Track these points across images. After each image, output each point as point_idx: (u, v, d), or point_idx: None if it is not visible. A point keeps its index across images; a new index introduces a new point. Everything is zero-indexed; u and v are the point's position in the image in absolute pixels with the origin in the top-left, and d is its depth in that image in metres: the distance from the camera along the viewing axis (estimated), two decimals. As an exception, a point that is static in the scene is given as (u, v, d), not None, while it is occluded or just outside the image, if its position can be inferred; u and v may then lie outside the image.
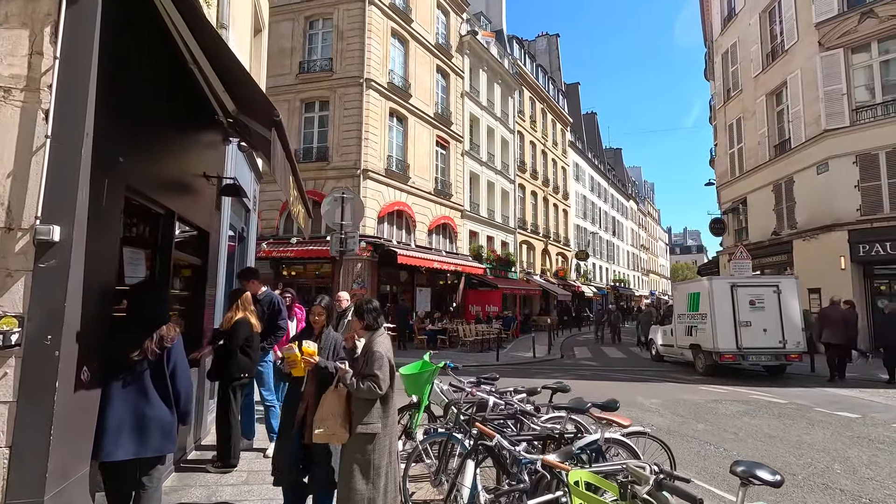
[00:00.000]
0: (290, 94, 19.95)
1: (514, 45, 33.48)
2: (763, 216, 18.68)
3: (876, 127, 14.29)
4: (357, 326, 3.29)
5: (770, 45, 18.61)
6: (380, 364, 3.03)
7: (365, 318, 3.21)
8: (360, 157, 18.68)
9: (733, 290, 10.58)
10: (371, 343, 3.14)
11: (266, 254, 18.28)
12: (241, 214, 8.28)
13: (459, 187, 24.77)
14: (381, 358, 3.05)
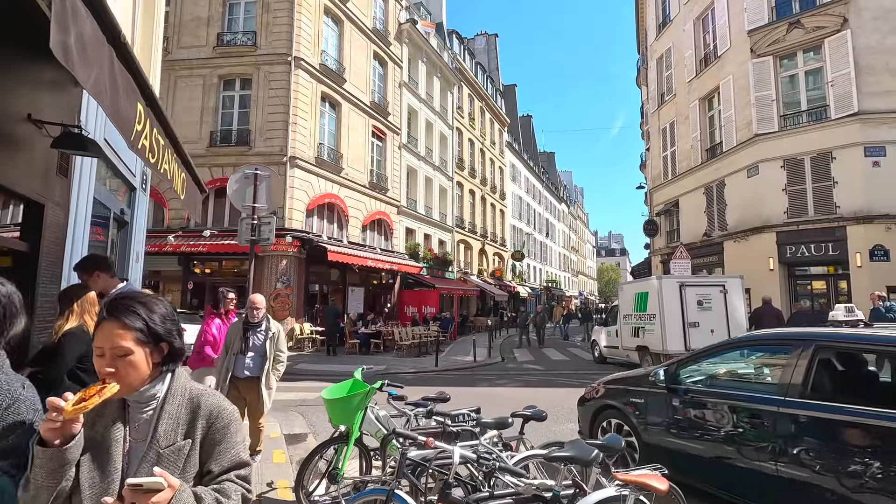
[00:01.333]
0: (206, 69, 17.74)
1: (453, 40, 32.72)
2: (695, 218, 19.09)
3: (802, 133, 14.83)
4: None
5: (703, 51, 19.06)
6: None
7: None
8: (288, 142, 16.91)
9: (682, 289, 10.25)
10: None
11: (174, 248, 16.02)
12: (120, 192, 6.55)
13: (396, 181, 23.49)
14: None
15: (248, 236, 6.07)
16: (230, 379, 4.51)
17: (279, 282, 16.27)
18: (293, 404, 8.40)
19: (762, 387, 3.89)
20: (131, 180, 6.71)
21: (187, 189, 3.58)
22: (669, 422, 4.06)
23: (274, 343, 4.59)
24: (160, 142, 2.65)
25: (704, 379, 4.19)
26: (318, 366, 13.21)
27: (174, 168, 3.09)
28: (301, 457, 5.68)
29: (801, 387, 3.25)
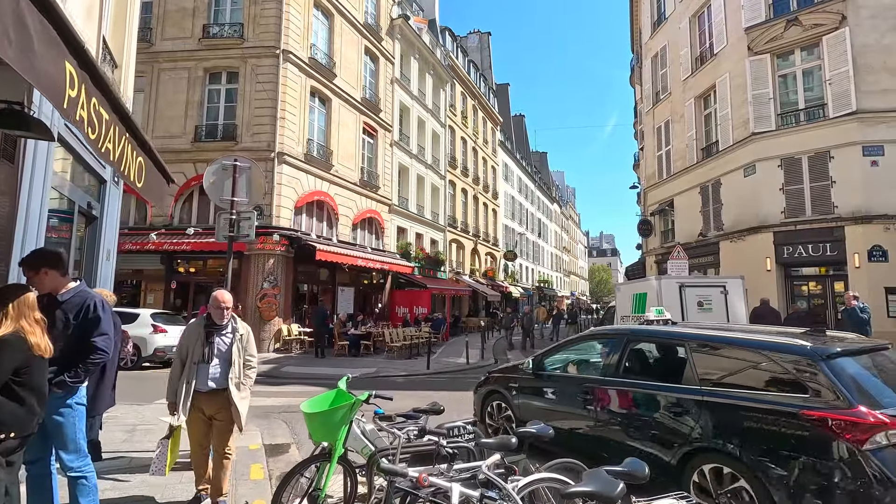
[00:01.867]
0: (191, 62, 17.19)
1: (446, 37, 32.33)
2: (690, 218, 18.87)
3: (799, 132, 14.62)
4: None
5: (699, 49, 18.85)
6: None
7: None
8: (275, 138, 16.41)
9: (682, 290, 9.94)
10: None
11: (156, 246, 15.48)
12: (87, 184, 6.08)
13: (387, 179, 23.04)
14: None
15: (225, 232, 5.62)
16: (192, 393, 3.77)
17: (266, 281, 15.78)
18: (276, 410, 7.96)
19: (594, 369, 5.19)
20: (101, 172, 6.25)
21: (147, 176, 3.15)
22: (534, 397, 5.43)
23: (242, 346, 3.87)
24: (103, 116, 2.23)
25: (559, 366, 5.55)
26: (305, 368, 12.75)
27: (127, 151, 2.66)
28: (282, 471, 5.26)
29: (615, 367, 4.66)
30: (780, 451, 3.30)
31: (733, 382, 3.81)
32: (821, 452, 3.16)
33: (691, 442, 3.77)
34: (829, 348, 3.53)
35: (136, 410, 7.34)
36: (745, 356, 3.86)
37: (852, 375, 3.38)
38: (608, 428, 4.48)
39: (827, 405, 3.23)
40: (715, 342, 4.13)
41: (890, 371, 3.72)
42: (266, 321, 15.67)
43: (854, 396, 3.20)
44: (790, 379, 3.51)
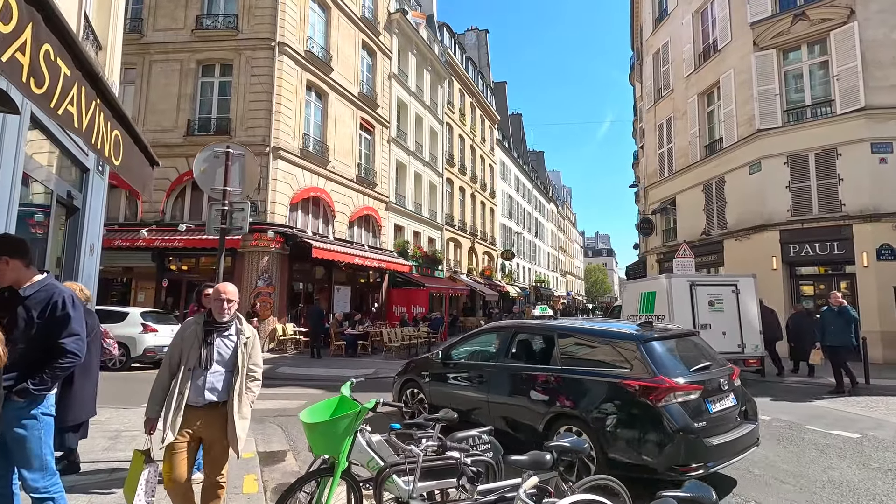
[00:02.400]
0: (184, 54, 16.71)
1: (444, 33, 31.95)
2: (693, 216, 18.59)
3: (806, 129, 14.37)
4: None
5: (702, 45, 18.58)
6: None
7: None
8: (271, 132, 15.98)
9: (692, 289, 9.61)
10: None
11: (147, 243, 15.00)
12: (68, 172, 5.66)
13: (385, 176, 22.63)
14: None
15: (217, 224, 5.22)
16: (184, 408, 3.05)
17: (260, 279, 15.34)
18: (272, 414, 7.54)
19: (489, 355, 5.91)
20: (83, 160, 5.83)
21: (125, 154, 2.75)
22: (442, 383, 6.18)
23: (247, 353, 3.23)
24: (61, 70, 1.83)
25: (463, 355, 6.30)
26: (301, 369, 12.34)
27: (98, 119, 2.26)
28: (278, 482, 4.87)
29: (504, 353, 5.62)
30: (610, 410, 4.36)
31: (584, 361, 4.88)
32: (634, 409, 4.23)
33: (552, 408, 4.74)
34: (647, 334, 4.60)
35: (122, 414, 6.92)
36: (593, 341, 5.05)
37: (659, 354, 4.45)
38: (499, 403, 5.36)
39: (640, 375, 4.29)
40: (573, 332, 5.32)
41: (688, 351, 4.84)
42: (261, 320, 15.23)
43: (657, 369, 4.26)
44: (620, 357, 4.55)
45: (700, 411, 4.17)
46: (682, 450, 3.96)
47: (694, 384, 4.24)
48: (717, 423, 4.22)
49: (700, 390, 4.22)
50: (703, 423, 4.10)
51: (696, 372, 4.46)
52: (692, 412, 4.10)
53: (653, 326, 4.92)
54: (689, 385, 4.21)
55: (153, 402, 3.09)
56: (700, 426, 4.05)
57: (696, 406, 4.16)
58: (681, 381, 4.20)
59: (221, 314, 3.19)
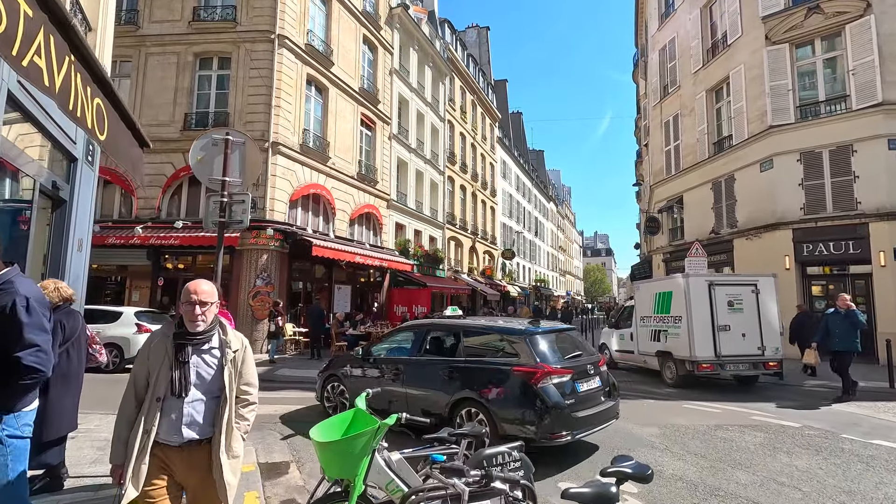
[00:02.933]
0: (181, 46, 16.25)
1: (445, 29, 31.53)
2: (701, 214, 18.24)
3: (820, 125, 14.02)
4: None
5: (711, 40, 18.22)
6: None
7: None
8: (270, 127, 15.54)
9: (711, 289, 9.23)
10: None
11: (142, 240, 14.54)
12: (52, 160, 5.23)
13: (386, 174, 22.21)
14: None
15: (215, 217, 4.81)
16: (151, 448, 2.30)
17: (259, 278, 14.91)
18: (271, 420, 7.12)
19: (406, 350, 6.46)
20: (70, 149, 5.40)
21: (110, 127, 2.34)
22: (362, 375, 6.64)
23: (236, 371, 2.48)
24: (23, 9, 1.42)
25: (383, 351, 6.79)
26: (301, 371, 11.91)
27: (75, 81, 1.86)
28: (282, 499, 4.46)
29: (419, 349, 6.24)
30: (502, 391, 5.17)
31: (484, 353, 5.72)
32: (521, 390, 5.07)
33: (457, 393, 5.48)
34: (533, 330, 5.57)
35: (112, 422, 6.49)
36: (491, 337, 5.92)
37: (541, 346, 5.37)
38: (413, 392, 6.00)
39: (525, 363, 5.18)
40: (475, 329, 6.14)
41: (565, 343, 5.85)
42: (259, 320, 14.81)
43: (539, 358, 5.19)
44: (512, 349, 5.44)
45: (570, 391, 5.17)
46: (555, 421, 4.90)
47: (566, 369, 5.27)
48: (583, 400, 5.26)
49: (571, 374, 5.27)
50: (572, 400, 5.11)
51: (569, 360, 5.51)
52: (564, 391, 5.09)
53: (539, 324, 6.00)
54: (562, 370, 5.22)
55: (118, 443, 2.33)
56: (570, 402, 5.05)
57: (567, 386, 5.16)
58: (556, 366, 5.20)
59: (194, 322, 2.34)
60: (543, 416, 4.89)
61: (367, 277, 21.41)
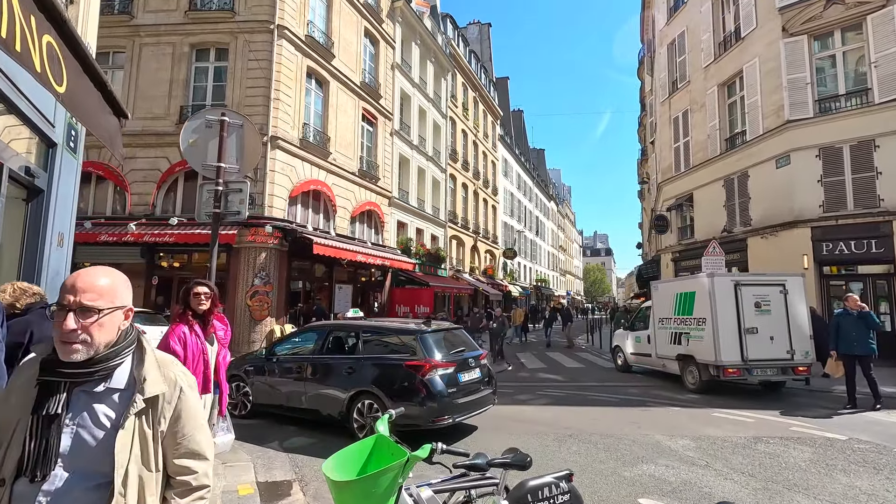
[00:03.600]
0: (176, 37, 15.68)
1: (447, 25, 30.98)
2: (712, 213, 17.74)
3: (840, 119, 13.53)
4: None
5: (723, 33, 17.71)
6: None
7: None
8: (269, 121, 14.98)
9: (737, 289, 8.72)
10: None
11: (135, 237, 13.98)
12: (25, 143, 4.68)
13: (387, 171, 21.67)
14: None
15: (209, 208, 4.27)
16: None
17: (257, 277, 14.36)
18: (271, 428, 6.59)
19: (309, 350, 6.90)
20: (48, 132, 4.85)
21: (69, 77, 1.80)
22: (266, 375, 6.97)
23: (160, 431, 1.41)
24: None
25: (286, 351, 7.18)
26: (301, 375, 11.35)
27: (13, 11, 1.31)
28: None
29: (321, 348, 6.75)
30: (396, 383, 5.83)
31: (380, 350, 6.33)
32: (411, 382, 5.74)
33: (355, 388, 6.02)
34: (424, 329, 6.25)
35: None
36: (387, 335, 6.53)
37: (430, 343, 6.06)
38: (314, 388, 6.43)
39: (415, 358, 5.88)
40: (373, 329, 6.73)
41: (452, 340, 6.57)
42: (257, 321, 14.26)
43: (426, 353, 5.89)
44: (405, 346, 6.14)
45: (454, 381, 5.94)
46: (439, 407, 5.67)
47: (450, 362, 6.03)
48: (464, 389, 6.07)
49: (454, 366, 6.04)
50: (454, 389, 5.89)
51: (453, 354, 6.26)
52: (448, 382, 5.85)
53: (431, 323, 6.68)
54: (447, 363, 5.98)
55: None
56: (452, 391, 5.84)
57: (451, 377, 5.93)
58: (441, 361, 5.94)
59: (67, 347, 1.32)
60: (428, 403, 5.65)
61: (368, 277, 20.86)
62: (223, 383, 3.60)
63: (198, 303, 3.42)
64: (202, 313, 3.45)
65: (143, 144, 15.26)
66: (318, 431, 6.43)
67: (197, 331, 3.39)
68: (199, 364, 3.32)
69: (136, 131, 15.33)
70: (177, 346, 3.27)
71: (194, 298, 3.42)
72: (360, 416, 5.96)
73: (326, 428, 6.43)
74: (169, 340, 3.29)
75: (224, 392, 3.63)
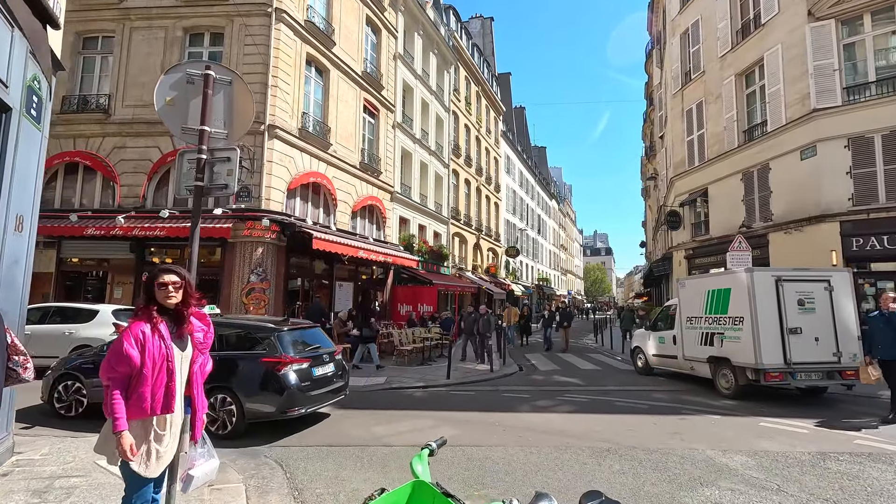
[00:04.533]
0: (169, 20, 14.87)
1: (450, 16, 30.20)
2: (728, 208, 17.00)
3: (870, 107, 12.80)
4: None
5: (741, 20, 16.97)
6: None
7: None
8: (266, 108, 14.17)
9: (779, 285, 7.97)
10: None
11: (124, 231, 13.18)
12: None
13: (389, 164, 20.89)
14: None
15: (189, 181, 3.50)
16: None
17: (253, 274, 13.57)
18: (264, 443, 5.80)
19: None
20: (1, 94, 4.05)
21: None
22: None
23: None
24: None
25: None
26: (300, 378, 10.58)
27: None
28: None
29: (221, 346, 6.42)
30: (251, 378, 6.18)
31: (237, 347, 6.48)
32: (267, 376, 6.14)
33: (209, 382, 5.13)
34: (280, 328, 6.62)
35: (66, 448, 5.16)
36: (246, 333, 6.62)
37: (286, 340, 6.48)
38: None
39: (272, 354, 6.27)
40: (230, 325, 6.69)
41: (308, 338, 7.07)
42: (253, 320, 13.46)
43: (282, 350, 6.30)
44: (262, 343, 6.44)
45: (307, 375, 6.33)
46: (292, 399, 6.01)
47: (304, 358, 6.43)
48: (318, 381, 6.50)
49: (308, 362, 6.45)
50: (307, 382, 6.29)
51: (308, 351, 6.70)
52: (301, 376, 6.22)
53: (288, 322, 7.13)
54: (301, 359, 6.35)
55: None
56: (305, 384, 6.23)
57: (305, 372, 6.31)
58: (296, 357, 6.30)
59: None
60: (282, 396, 5.95)
61: (369, 274, 20.06)
62: (198, 399, 2.78)
63: (165, 295, 2.65)
64: (173, 308, 2.68)
65: (134, 133, 14.47)
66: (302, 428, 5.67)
67: (162, 331, 2.60)
68: (160, 374, 2.54)
69: (126, 119, 14.56)
70: (132, 349, 2.48)
71: (160, 290, 2.65)
72: (213, 410, 5.93)
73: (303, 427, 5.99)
74: (123, 342, 2.50)
75: (199, 410, 2.80)
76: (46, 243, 14.47)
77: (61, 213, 13.94)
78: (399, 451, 5.45)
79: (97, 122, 14.63)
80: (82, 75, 15.42)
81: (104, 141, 14.61)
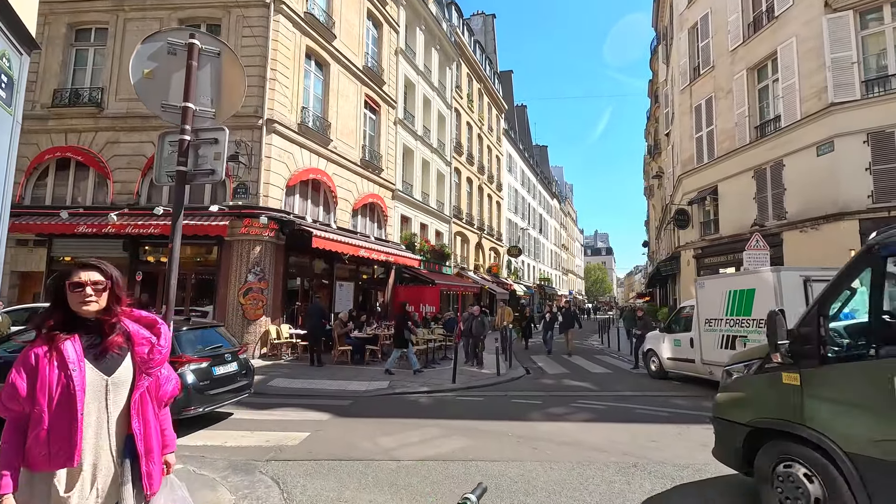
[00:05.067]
0: (164, 11, 14.43)
1: (452, 12, 29.73)
2: (739, 206, 16.54)
3: (891, 101, 12.34)
4: None
5: (753, 13, 16.51)
6: None
7: None
8: (264, 102, 13.74)
9: (807, 286, 7.51)
10: None
11: (117, 229, 12.71)
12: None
13: (391, 161, 20.44)
14: None
15: (170, 167, 3.03)
16: None
17: (251, 273, 13.11)
18: (262, 456, 5.33)
19: None
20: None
21: None
22: None
23: None
24: None
25: (17, 348, 6.73)
26: (299, 381, 10.13)
27: None
28: None
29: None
30: None
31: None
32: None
33: None
34: (179, 328, 6.59)
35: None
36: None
37: (184, 339, 6.59)
38: None
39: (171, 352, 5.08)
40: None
41: (209, 337, 7.25)
42: (251, 321, 13.03)
43: (181, 349, 6.36)
44: None
45: (207, 375, 6.47)
46: (188, 399, 6.07)
47: (204, 358, 6.57)
48: (219, 381, 6.63)
49: (208, 361, 6.59)
50: (207, 381, 6.43)
51: (209, 350, 6.82)
52: (201, 375, 6.38)
53: (189, 322, 7.39)
54: (200, 359, 6.51)
55: None
56: (204, 384, 6.38)
57: (205, 371, 6.46)
58: (195, 356, 6.45)
59: None
60: (180, 395, 5.97)
61: (370, 274, 19.61)
62: (146, 436, 1.95)
63: (80, 299, 1.89)
64: (92, 319, 1.93)
65: (128, 128, 14.02)
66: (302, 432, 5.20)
67: (68, 353, 1.83)
68: (61, 413, 1.79)
69: (120, 114, 14.10)
70: (18, 379, 1.79)
71: (73, 293, 1.89)
72: None
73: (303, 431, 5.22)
74: (12, 368, 1.81)
75: (152, 451, 1.96)
76: (37, 241, 14.03)
77: (52, 210, 13.47)
78: (408, 466, 4.98)
79: (90, 117, 14.17)
80: (74, 68, 14.96)
81: (97, 136, 14.15)
